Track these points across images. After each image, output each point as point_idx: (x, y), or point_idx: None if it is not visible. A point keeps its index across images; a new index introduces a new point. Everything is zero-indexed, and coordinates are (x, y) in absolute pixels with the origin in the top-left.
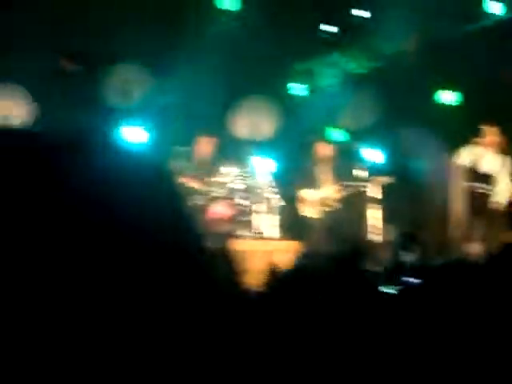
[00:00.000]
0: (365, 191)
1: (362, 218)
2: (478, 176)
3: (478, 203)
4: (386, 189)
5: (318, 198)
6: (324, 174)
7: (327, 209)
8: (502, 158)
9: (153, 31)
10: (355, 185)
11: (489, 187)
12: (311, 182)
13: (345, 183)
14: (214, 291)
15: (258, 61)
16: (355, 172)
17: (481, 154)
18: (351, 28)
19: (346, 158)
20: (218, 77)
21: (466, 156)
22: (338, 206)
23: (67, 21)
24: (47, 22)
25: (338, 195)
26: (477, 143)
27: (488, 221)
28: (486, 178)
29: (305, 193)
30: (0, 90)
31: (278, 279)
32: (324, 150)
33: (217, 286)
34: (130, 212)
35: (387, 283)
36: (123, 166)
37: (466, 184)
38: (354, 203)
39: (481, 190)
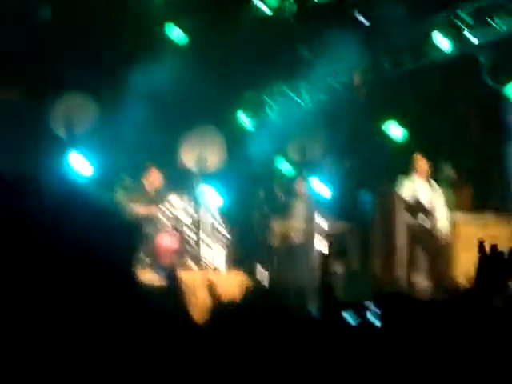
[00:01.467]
0: (320, 227)
1: (315, 251)
2: (417, 208)
3: (420, 235)
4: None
5: (283, 230)
6: (296, 207)
7: (289, 241)
8: (434, 186)
9: (100, 62)
10: (312, 219)
11: (429, 218)
12: (280, 214)
13: (304, 217)
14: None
15: (207, 91)
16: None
17: (417, 186)
18: (300, 61)
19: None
20: (166, 108)
21: (403, 189)
22: (299, 238)
23: (12, 51)
24: None
25: (301, 228)
26: (413, 175)
27: (431, 252)
28: (425, 209)
29: (274, 224)
30: None
31: (223, 313)
32: (300, 185)
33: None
34: (72, 240)
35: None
36: (67, 199)
37: (407, 216)
38: (311, 237)
39: (421, 222)
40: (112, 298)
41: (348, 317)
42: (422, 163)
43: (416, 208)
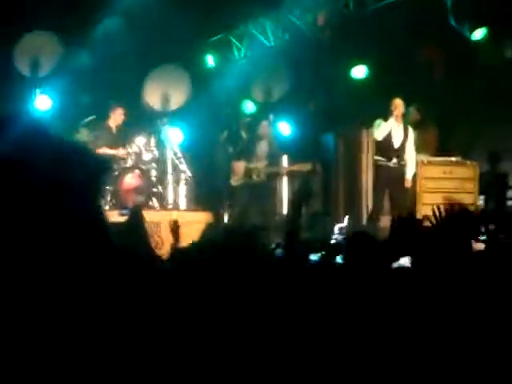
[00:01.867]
0: (283, 168)
1: (277, 192)
2: (388, 149)
3: (388, 176)
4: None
5: (246, 170)
6: (259, 149)
7: (251, 181)
8: (407, 130)
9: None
10: (275, 161)
11: (397, 160)
12: (243, 155)
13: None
14: (113, 257)
15: (172, 31)
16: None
17: (391, 128)
18: (263, 1)
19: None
20: (130, 46)
21: (377, 130)
22: (262, 179)
23: None
24: None
25: (264, 169)
26: (387, 117)
27: (397, 193)
28: (395, 151)
29: (236, 164)
30: None
31: (182, 252)
32: (264, 126)
33: (116, 252)
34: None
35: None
36: (29, 138)
37: (376, 158)
38: (273, 178)
39: (390, 164)
40: (77, 234)
41: (311, 256)
42: (399, 107)
43: (389, 151)
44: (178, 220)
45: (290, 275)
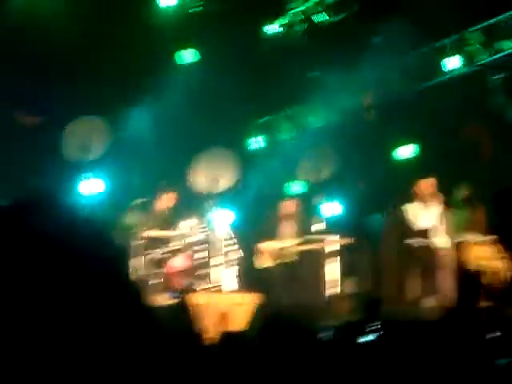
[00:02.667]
0: (323, 246)
1: (320, 271)
2: (418, 232)
3: (422, 257)
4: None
5: (278, 250)
6: (286, 227)
7: (286, 261)
8: (440, 210)
9: (112, 83)
10: (315, 239)
11: (427, 241)
12: (272, 235)
13: (305, 237)
14: (163, 343)
15: (217, 114)
16: (315, 227)
17: (418, 209)
18: (310, 82)
19: (306, 212)
20: (177, 130)
21: (404, 212)
22: (297, 258)
23: (26, 73)
24: (4, 73)
25: (297, 248)
26: (413, 198)
27: (436, 274)
28: (425, 235)
29: (265, 245)
30: None
31: (231, 337)
32: (289, 205)
33: (165, 337)
34: (73, 268)
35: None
36: (70, 227)
37: (406, 240)
38: (313, 257)
39: (422, 245)
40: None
41: (359, 337)
42: (423, 187)
43: (419, 232)
44: (227, 313)
45: (341, 357)
